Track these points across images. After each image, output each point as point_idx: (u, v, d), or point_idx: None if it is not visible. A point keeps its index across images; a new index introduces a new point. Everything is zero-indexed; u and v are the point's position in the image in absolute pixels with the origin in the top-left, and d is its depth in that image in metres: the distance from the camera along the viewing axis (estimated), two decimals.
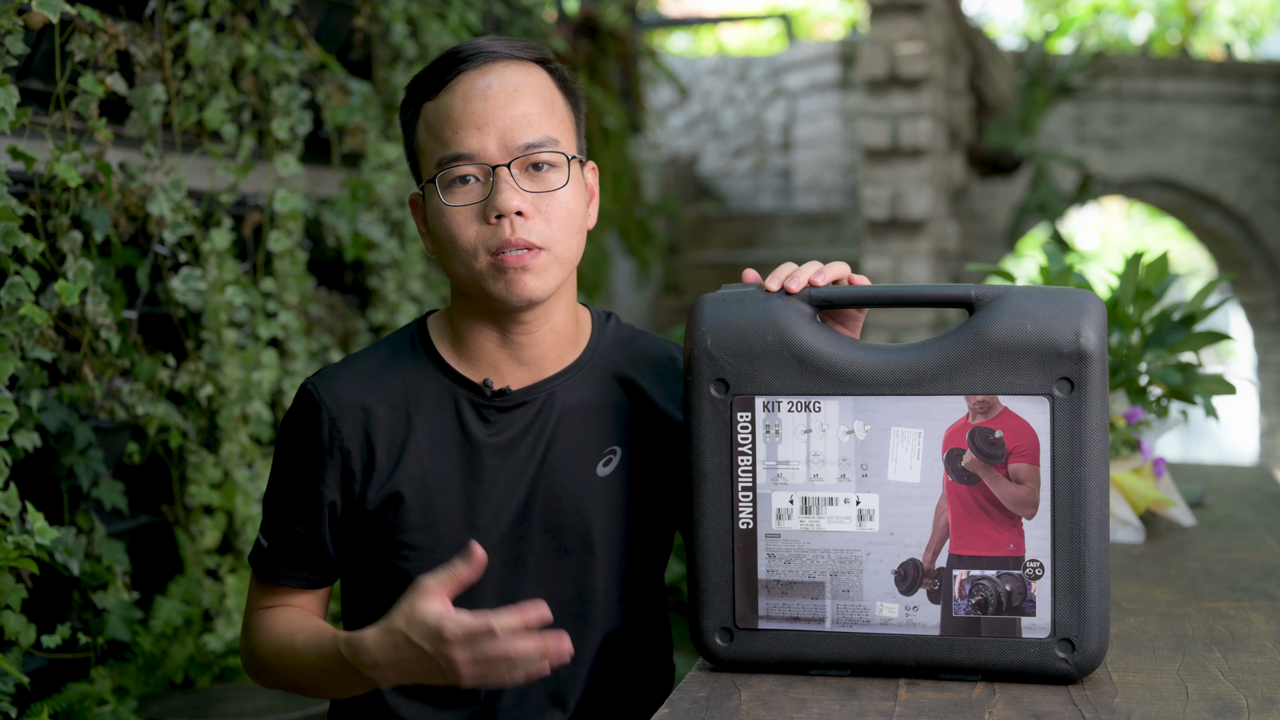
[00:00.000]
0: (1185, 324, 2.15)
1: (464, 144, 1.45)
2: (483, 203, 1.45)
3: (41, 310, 2.11)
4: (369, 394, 1.52)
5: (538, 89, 1.49)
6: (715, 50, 12.61)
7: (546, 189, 1.47)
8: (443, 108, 1.47)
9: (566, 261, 1.49)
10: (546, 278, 1.47)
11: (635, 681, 1.59)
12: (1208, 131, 9.07)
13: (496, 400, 1.52)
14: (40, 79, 2.36)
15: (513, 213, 1.44)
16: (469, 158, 1.45)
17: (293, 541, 1.53)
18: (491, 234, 1.45)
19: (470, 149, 1.45)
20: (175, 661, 2.56)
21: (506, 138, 1.45)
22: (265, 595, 1.56)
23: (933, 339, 1.36)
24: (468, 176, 1.46)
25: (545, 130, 1.47)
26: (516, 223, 1.44)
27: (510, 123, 1.46)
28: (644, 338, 1.62)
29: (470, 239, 1.46)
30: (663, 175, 7.29)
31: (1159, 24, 14.17)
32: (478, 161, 1.45)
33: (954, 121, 6.00)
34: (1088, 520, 1.31)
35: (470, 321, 1.53)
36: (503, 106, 1.46)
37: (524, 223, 1.45)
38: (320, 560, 1.54)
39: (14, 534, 2.03)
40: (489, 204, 1.45)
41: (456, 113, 1.46)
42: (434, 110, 1.48)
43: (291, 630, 1.50)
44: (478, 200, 1.46)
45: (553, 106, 1.50)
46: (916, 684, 1.33)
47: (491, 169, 1.45)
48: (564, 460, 1.52)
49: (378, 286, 3.36)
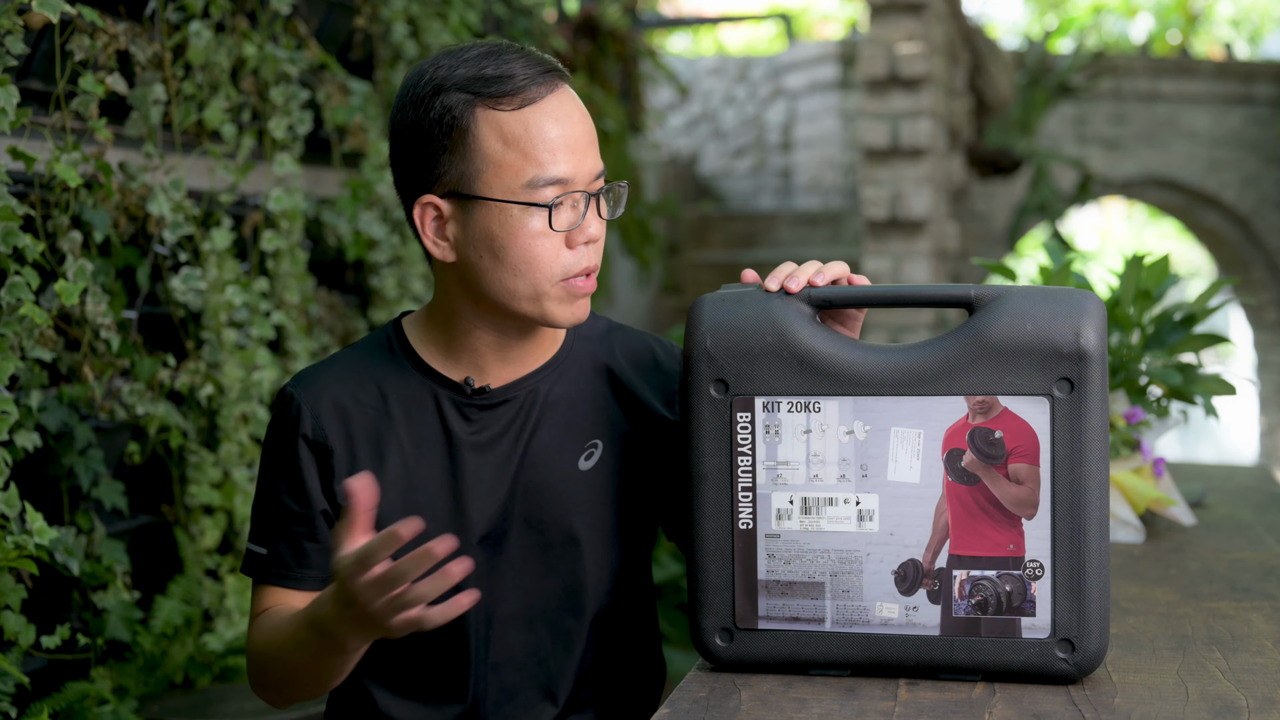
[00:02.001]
0: (1185, 325, 2.15)
1: (562, 169, 1.44)
2: (572, 230, 1.46)
3: (41, 310, 2.11)
4: (349, 395, 1.52)
5: (588, 113, 1.51)
6: (715, 50, 12.60)
7: (611, 215, 1.51)
8: (533, 125, 1.43)
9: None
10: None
11: (626, 674, 1.59)
12: (1208, 131, 9.07)
13: (477, 399, 1.52)
14: (40, 79, 2.36)
15: (599, 240, 1.48)
16: (567, 182, 1.45)
17: (291, 542, 1.52)
18: (574, 260, 1.46)
19: (569, 174, 1.44)
20: (175, 661, 2.56)
21: (590, 165, 1.47)
22: (269, 601, 1.53)
23: (933, 339, 1.35)
24: (563, 201, 1.45)
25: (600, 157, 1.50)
26: (595, 248, 1.48)
27: (590, 149, 1.47)
28: (621, 330, 1.63)
29: (554, 264, 1.45)
30: (663, 175, 7.29)
31: (1159, 24, 14.17)
32: (575, 188, 1.45)
33: (954, 121, 6.00)
34: (1088, 520, 1.31)
35: (469, 325, 1.52)
36: (586, 131, 1.47)
37: (598, 248, 1.49)
38: (322, 559, 1.52)
39: (14, 534, 2.03)
40: (580, 231, 1.46)
41: (551, 134, 1.44)
42: (518, 124, 1.43)
43: (277, 622, 1.48)
44: (568, 227, 1.46)
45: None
46: (916, 684, 1.33)
47: (587, 197, 1.46)
48: (545, 455, 1.53)
49: (378, 286, 3.36)
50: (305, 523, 1.51)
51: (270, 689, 1.53)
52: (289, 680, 1.49)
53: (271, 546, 1.52)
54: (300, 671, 1.46)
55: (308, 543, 1.52)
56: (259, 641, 1.51)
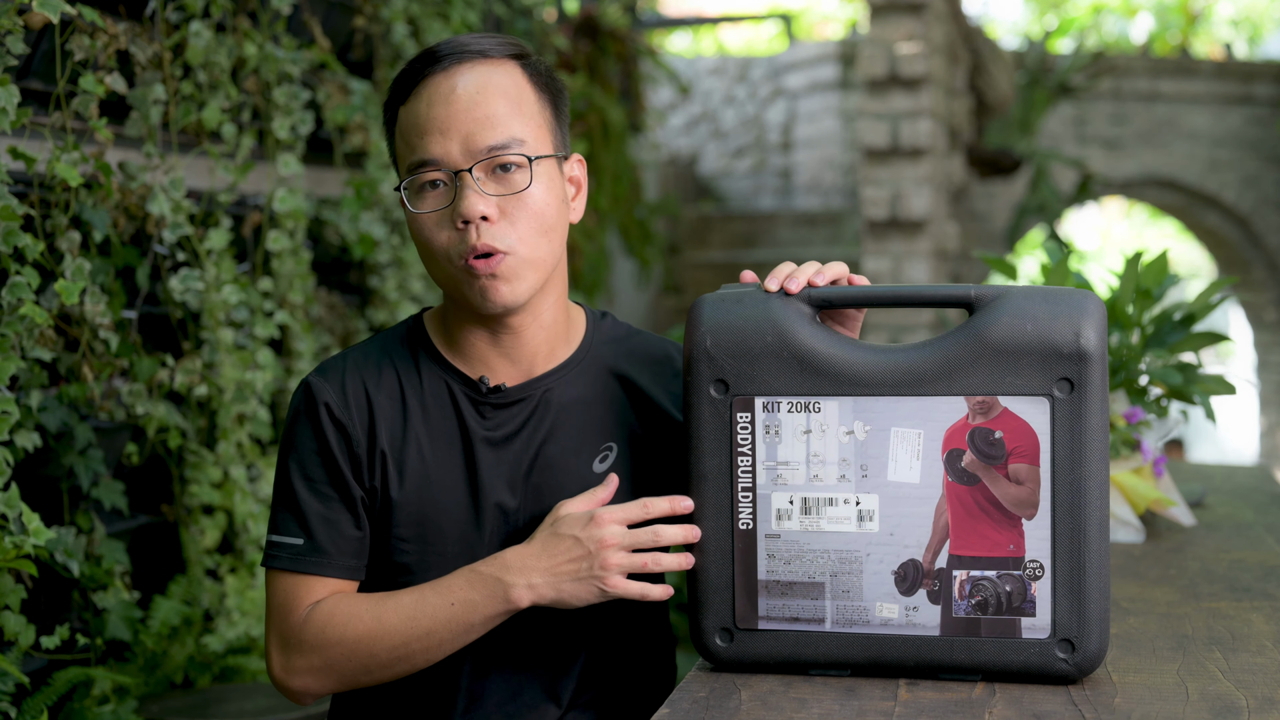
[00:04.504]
0: (1185, 324, 2.15)
1: (429, 149, 1.46)
2: (449, 208, 1.46)
3: (41, 310, 2.11)
4: (372, 385, 1.53)
5: (504, 88, 1.48)
6: (715, 50, 12.60)
7: (511, 190, 1.47)
8: (411, 113, 1.48)
9: (538, 262, 1.49)
10: (519, 282, 1.48)
11: (632, 678, 1.59)
12: (1208, 131, 9.07)
13: (492, 397, 1.52)
14: (40, 79, 2.36)
15: (477, 218, 1.45)
16: (434, 163, 1.46)
17: (331, 529, 1.49)
18: (459, 239, 1.46)
19: (434, 154, 1.46)
20: (175, 661, 2.56)
21: (469, 141, 1.45)
22: (309, 594, 1.49)
23: (933, 339, 1.35)
24: (436, 182, 1.47)
25: (511, 131, 1.47)
26: (482, 228, 1.45)
27: (473, 126, 1.46)
28: (640, 335, 1.62)
29: (441, 244, 1.47)
30: (663, 175, 7.29)
31: (1159, 24, 14.17)
32: (442, 167, 1.46)
33: (954, 121, 6.00)
34: (1088, 520, 1.31)
35: (460, 321, 1.54)
36: (465, 110, 1.46)
37: (489, 227, 1.45)
38: (362, 545, 1.51)
39: (13, 534, 2.02)
40: (454, 210, 1.45)
41: (422, 118, 1.47)
42: (405, 115, 1.49)
43: (380, 595, 1.45)
44: (445, 206, 1.46)
45: (520, 104, 1.49)
46: (916, 684, 1.33)
47: (454, 174, 1.46)
48: (560, 457, 1.52)
49: (378, 286, 3.36)
50: (348, 509, 1.50)
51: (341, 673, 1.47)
52: (385, 665, 1.45)
53: (309, 535, 1.49)
54: (416, 653, 1.44)
55: (350, 529, 1.50)
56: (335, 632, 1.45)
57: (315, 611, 1.48)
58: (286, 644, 1.49)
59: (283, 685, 1.51)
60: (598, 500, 1.44)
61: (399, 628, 1.44)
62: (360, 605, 1.46)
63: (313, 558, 1.49)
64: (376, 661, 1.46)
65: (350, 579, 1.51)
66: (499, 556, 1.43)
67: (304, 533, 1.50)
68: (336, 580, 1.50)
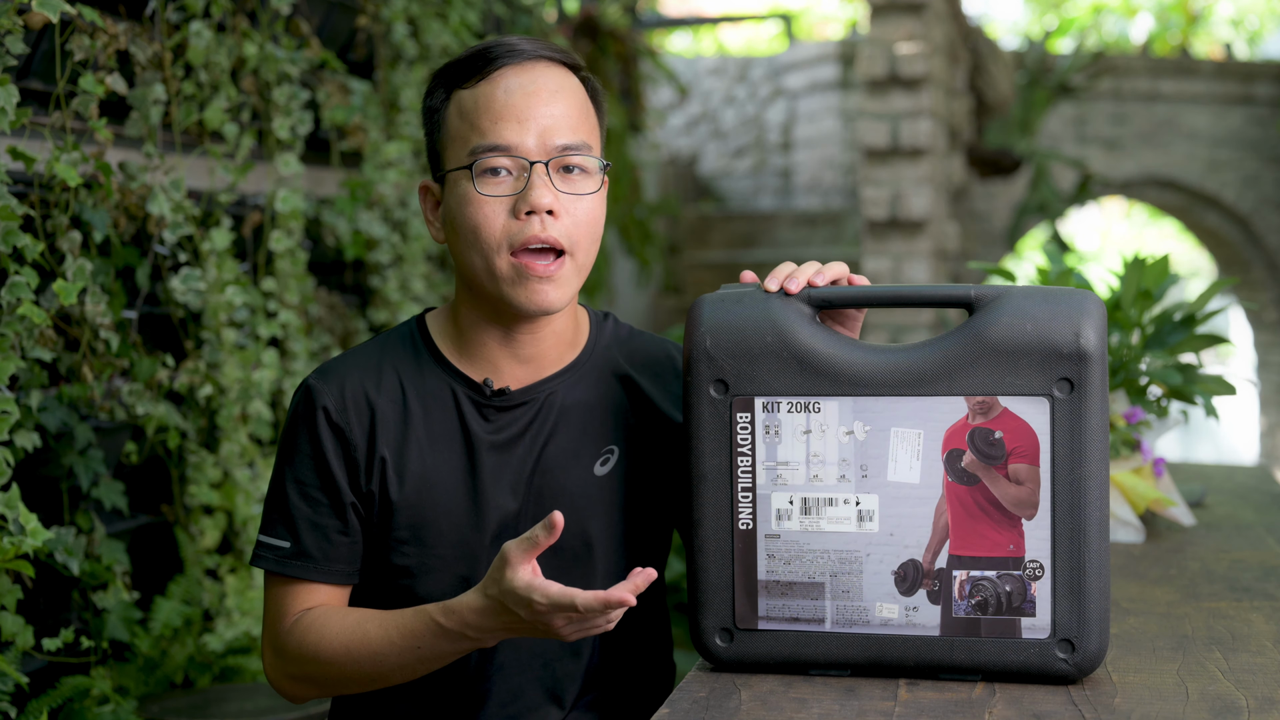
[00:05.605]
0: (1185, 325, 2.15)
1: (503, 135, 1.45)
2: (514, 196, 1.45)
3: (41, 310, 2.11)
4: (372, 388, 1.52)
5: (575, 93, 1.50)
6: (715, 50, 12.60)
7: (577, 192, 1.47)
8: (482, 97, 1.46)
9: (584, 269, 1.50)
10: (566, 288, 1.48)
11: (633, 680, 1.59)
12: (1208, 131, 9.07)
13: (496, 400, 1.52)
14: (40, 79, 2.36)
15: (544, 210, 1.44)
16: (506, 149, 1.45)
17: (319, 534, 1.49)
18: (519, 229, 1.45)
19: (509, 141, 1.45)
20: (175, 661, 2.56)
21: (545, 136, 1.46)
22: (297, 599, 1.50)
23: (933, 339, 1.35)
24: (500, 169, 1.45)
25: (581, 134, 1.48)
26: (546, 220, 1.44)
27: (550, 121, 1.46)
28: (642, 337, 1.62)
29: (496, 232, 1.45)
30: (663, 175, 7.29)
31: (1159, 24, 14.17)
32: (515, 155, 1.45)
33: (954, 121, 6.00)
34: (1088, 520, 1.31)
35: (474, 318, 1.52)
36: (545, 104, 1.46)
37: (553, 221, 1.45)
38: (352, 551, 1.51)
39: (11, 535, 2.02)
40: (522, 198, 1.45)
41: (498, 104, 1.46)
42: (471, 99, 1.47)
43: (354, 621, 1.45)
44: (509, 194, 1.45)
45: (586, 113, 1.50)
46: (916, 684, 1.33)
47: (529, 164, 1.45)
48: (561, 459, 1.52)
49: (378, 286, 3.36)
50: (336, 515, 1.50)
51: (322, 684, 1.49)
52: (369, 678, 1.46)
53: (296, 539, 1.49)
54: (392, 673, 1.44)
55: (337, 535, 1.50)
56: (319, 642, 1.46)
57: (300, 622, 1.48)
58: (276, 648, 1.51)
59: (276, 686, 1.53)
60: (539, 548, 1.30)
61: (366, 661, 1.44)
62: (333, 629, 1.46)
63: (298, 562, 1.50)
64: (353, 682, 1.48)
65: (340, 584, 1.51)
66: (456, 612, 1.37)
67: (291, 536, 1.50)
68: (326, 586, 1.51)
